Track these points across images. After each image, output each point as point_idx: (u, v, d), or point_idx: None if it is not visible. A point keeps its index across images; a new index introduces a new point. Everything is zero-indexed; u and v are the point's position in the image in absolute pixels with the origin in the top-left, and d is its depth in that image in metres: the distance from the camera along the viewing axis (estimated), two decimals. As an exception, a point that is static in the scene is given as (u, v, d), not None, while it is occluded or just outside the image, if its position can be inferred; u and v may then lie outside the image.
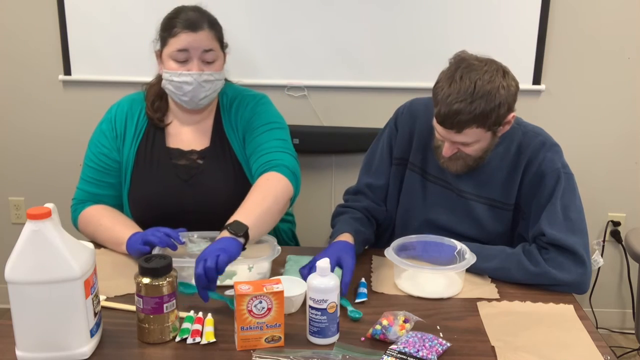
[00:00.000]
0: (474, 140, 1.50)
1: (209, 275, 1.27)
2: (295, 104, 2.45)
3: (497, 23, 2.36)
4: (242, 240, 1.37)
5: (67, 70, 2.50)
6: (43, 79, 2.53)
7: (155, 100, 1.76)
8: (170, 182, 1.72)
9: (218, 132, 1.76)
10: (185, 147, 1.75)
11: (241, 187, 1.65)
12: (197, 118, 1.76)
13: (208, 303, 1.37)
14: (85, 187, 1.76)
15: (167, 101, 1.77)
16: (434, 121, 1.51)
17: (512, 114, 1.51)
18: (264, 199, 1.52)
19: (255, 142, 1.71)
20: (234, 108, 1.77)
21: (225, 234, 1.38)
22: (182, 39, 1.62)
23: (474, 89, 1.42)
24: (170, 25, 1.64)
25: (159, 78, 1.75)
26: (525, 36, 2.37)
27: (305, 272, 1.43)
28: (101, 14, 2.42)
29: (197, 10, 1.67)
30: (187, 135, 1.76)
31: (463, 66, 1.46)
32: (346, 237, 1.56)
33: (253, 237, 1.41)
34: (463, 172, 1.60)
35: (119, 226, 1.64)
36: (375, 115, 2.39)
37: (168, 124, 1.76)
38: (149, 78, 1.83)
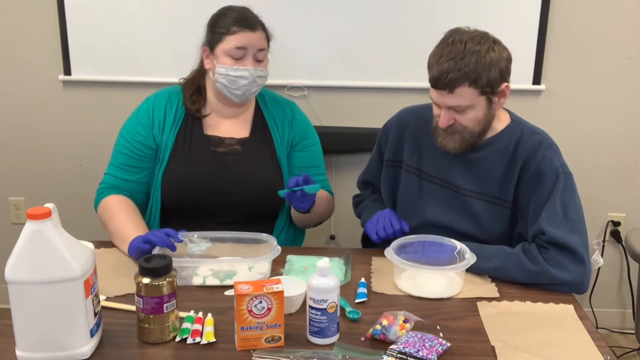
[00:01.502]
0: (467, 104, 1.52)
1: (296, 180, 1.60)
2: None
3: (497, 23, 2.33)
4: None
5: (67, 70, 2.50)
6: (43, 79, 2.53)
7: (193, 93, 1.83)
8: (207, 166, 1.78)
9: (259, 123, 1.86)
10: (224, 134, 1.82)
11: (275, 176, 1.80)
12: (237, 111, 1.84)
13: (208, 303, 1.38)
14: (115, 172, 1.79)
15: (204, 95, 1.84)
16: (430, 90, 1.55)
17: (505, 84, 1.54)
18: (327, 202, 1.89)
19: (308, 158, 1.89)
20: (277, 106, 1.89)
21: None
22: (241, 37, 1.71)
23: (464, 48, 1.48)
24: (228, 23, 1.72)
25: (195, 73, 1.85)
26: (525, 36, 2.37)
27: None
28: (101, 14, 2.42)
29: (250, 11, 1.77)
30: (225, 127, 1.83)
31: (455, 34, 1.52)
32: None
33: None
34: (461, 150, 1.61)
35: (130, 224, 1.65)
36: (375, 115, 2.39)
37: (206, 115, 1.83)
38: (149, 78, 1.83)
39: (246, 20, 1.72)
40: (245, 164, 1.79)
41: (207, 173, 1.77)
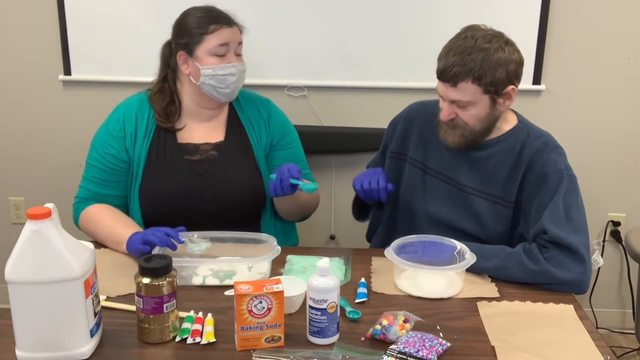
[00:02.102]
0: (469, 100, 1.52)
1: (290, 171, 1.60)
2: (295, 104, 2.45)
3: (497, 23, 2.32)
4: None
5: (67, 70, 2.50)
6: (43, 79, 2.53)
7: (167, 104, 1.77)
8: (183, 177, 1.75)
9: (234, 126, 1.82)
10: (199, 140, 1.79)
11: (254, 178, 1.78)
12: (213, 114, 1.81)
13: (208, 303, 1.38)
14: (89, 186, 1.77)
15: (179, 103, 1.78)
16: (437, 84, 1.56)
17: (512, 87, 1.54)
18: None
19: (290, 155, 1.86)
20: (252, 107, 1.85)
21: None
22: (223, 34, 1.69)
23: (474, 44, 1.49)
24: (203, 23, 1.70)
25: (161, 83, 1.79)
26: (525, 36, 2.37)
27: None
28: (101, 14, 2.42)
29: (217, 8, 1.75)
30: (199, 132, 1.80)
31: (470, 30, 1.53)
32: None
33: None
34: (460, 146, 1.61)
35: (119, 225, 1.64)
36: (375, 115, 2.39)
37: (180, 129, 1.78)
38: (149, 78, 1.82)
39: (221, 16, 1.71)
40: (223, 170, 1.76)
41: (185, 184, 1.74)
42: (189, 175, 1.75)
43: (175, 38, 1.76)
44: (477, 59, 1.48)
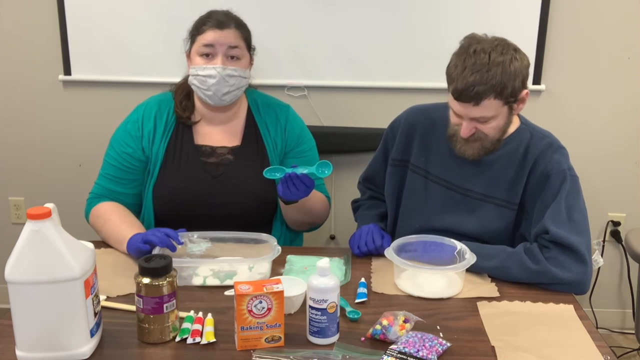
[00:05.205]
0: (492, 115, 1.50)
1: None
2: (295, 104, 2.44)
3: (497, 23, 2.36)
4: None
5: (67, 70, 2.50)
6: (43, 79, 2.53)
7: (183, 99, 1.80)
8: (198, 178, 1.75)
9: (251, 132, 1.82)
10: (215, 143, 1.79)
11: (268, 186, 1.75)
12: (224, 117, 1.80)
13: (208, 303, 1.39)
14: (104, 183, 1.78)
15: (193, 100, 1.81)
16: (450, 100, 1.53)
17: (525, 91, 1.53)
18: (322, 202, 1.83)
19: (301, 164, 1.71)
20: (270, 112, 1.84)
21: None
22: (208, 35, 1.69)
23: (489, 60, 1.45)
24: (200, 24, 1.72)
25: (186, 78, 1.81)
26: (525, 36, 2.37)
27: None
28: (101, 14, 2.42)
29: (227, 13, 1.76)
30: (216, 135, 1.80)
31: (475, 43, 1.49)
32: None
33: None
34: (479, 157, 1.60)
35: (125, 225, 1.65)
36: (375, 115, 2.39)
37: (196, 122, 1.80)
38: (149, 78, 1.83)
39: (215, 18, 1.71)
40: (237, 175, 1.76)
41: (198, 186, 1.74)
42: (203, 177, 1.75)
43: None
44: (497, 74, 1.44)
